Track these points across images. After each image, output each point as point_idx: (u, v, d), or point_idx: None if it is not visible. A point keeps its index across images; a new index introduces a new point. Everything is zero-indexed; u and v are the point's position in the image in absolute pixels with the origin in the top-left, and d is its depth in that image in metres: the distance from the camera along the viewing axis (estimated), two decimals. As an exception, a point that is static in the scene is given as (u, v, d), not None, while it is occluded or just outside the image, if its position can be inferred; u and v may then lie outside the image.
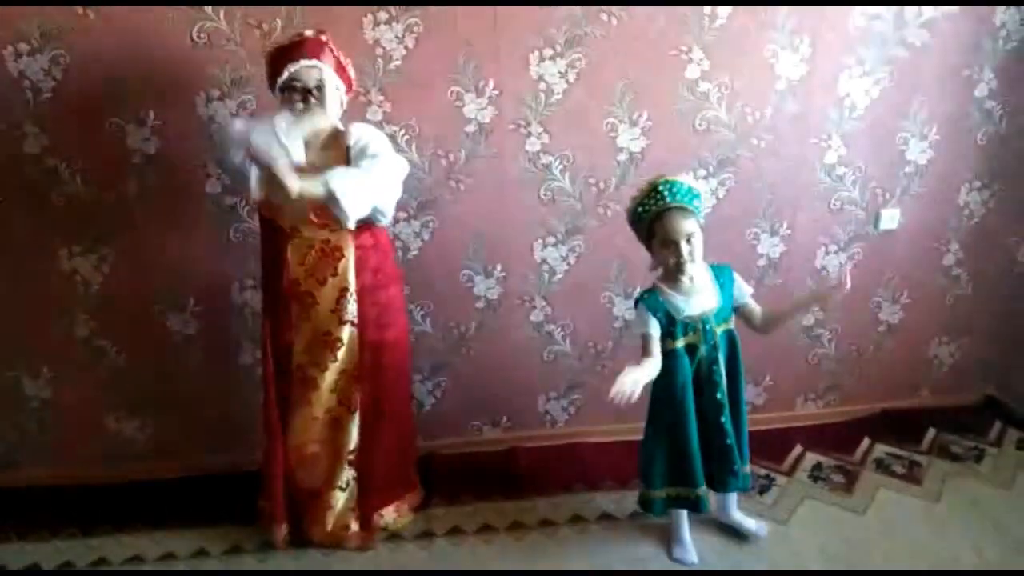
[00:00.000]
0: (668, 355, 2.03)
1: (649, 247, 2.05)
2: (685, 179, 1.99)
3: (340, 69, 2.07)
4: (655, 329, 2.00)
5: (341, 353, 2.18)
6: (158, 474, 2.68)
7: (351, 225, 2.02)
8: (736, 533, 2.30)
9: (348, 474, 2.28)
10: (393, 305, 2.25)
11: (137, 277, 2.48)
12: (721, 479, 2.17)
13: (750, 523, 2.31)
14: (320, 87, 2.01)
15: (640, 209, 1.99)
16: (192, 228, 2.44)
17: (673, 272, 1.99)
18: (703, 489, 2.13)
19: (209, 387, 2.65)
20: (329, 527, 2.29)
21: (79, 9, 2.17)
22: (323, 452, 2.26)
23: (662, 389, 2.08)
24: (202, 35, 2.23)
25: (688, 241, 1.94)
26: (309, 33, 2.04)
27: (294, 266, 2.13)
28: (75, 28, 2.19)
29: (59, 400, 2.62)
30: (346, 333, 2.17)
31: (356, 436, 2.25)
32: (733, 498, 2.31)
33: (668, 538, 2.29)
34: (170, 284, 2.51)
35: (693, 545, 2.25)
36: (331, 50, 2.04)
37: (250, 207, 2.41)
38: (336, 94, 2.06)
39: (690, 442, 2.08)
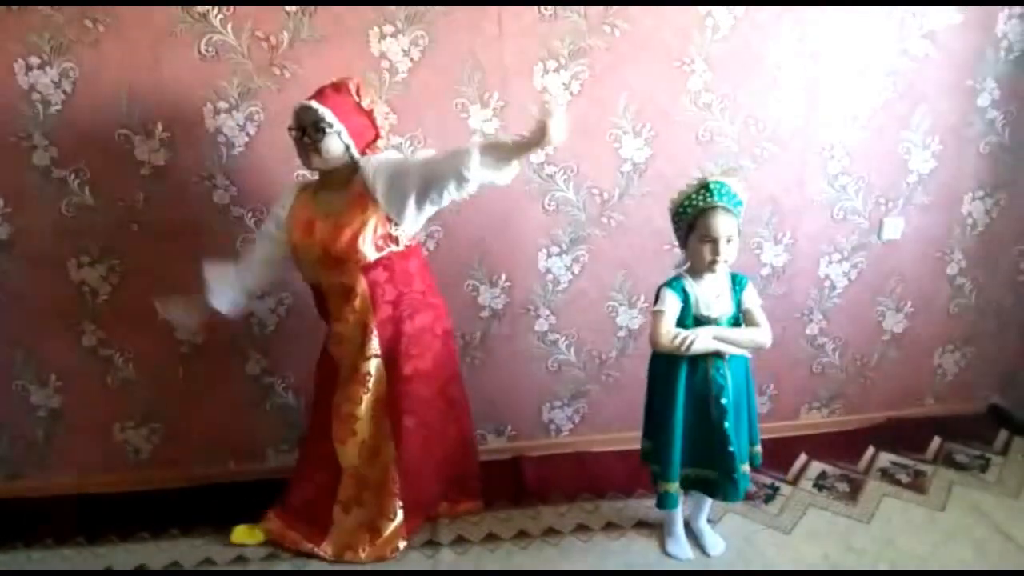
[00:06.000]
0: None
1: (684, 242, 2.06)
2: (733, 184, 2.01)
3: (355, 113, 2.05)
4: (670, 307, 2.01)
5: (371, 385, 2.20)
6: (164, 483, 2.69)
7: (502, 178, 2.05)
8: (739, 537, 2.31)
9: (396, 504, 2.29)
10: (423, 333, 2.22)
11: (145, 287, 2.49)
12: (722, 486, 2.12)
13: (711, 539, 2.31)
14: (318, 128, 2.00)
15: (687, 203, 2.00)
16: (199, 239, 2.45)
17: (704, 268, 2.01)
18: (674, 486, 2.12)
19: (216, 397, 2.66)
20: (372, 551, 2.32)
21: (88, 23, 2.20)
22: (371, 476, 2.29)
23: (661, 370, 2.12)
24: (210, 48, 2.25)
25: (728, 242, 1.97)
26: (332, 80, 2.06)
27: (332, 313, 2.21)
28: (84, 41, 2.22)
29: (66, 409, 2.64)
30: (373, 366, 2.18)
31: (394, 469, 2.26)
32: (706, 507, 2.31)
33: (662, 532, 2.32)
34: (177, 294, 2.51)
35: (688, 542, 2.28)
36: (350, 94, 2.04)
37: (256, 218, 2.44)
38: (335, 137, 2.03)
39: (673, 434, 2.08)
